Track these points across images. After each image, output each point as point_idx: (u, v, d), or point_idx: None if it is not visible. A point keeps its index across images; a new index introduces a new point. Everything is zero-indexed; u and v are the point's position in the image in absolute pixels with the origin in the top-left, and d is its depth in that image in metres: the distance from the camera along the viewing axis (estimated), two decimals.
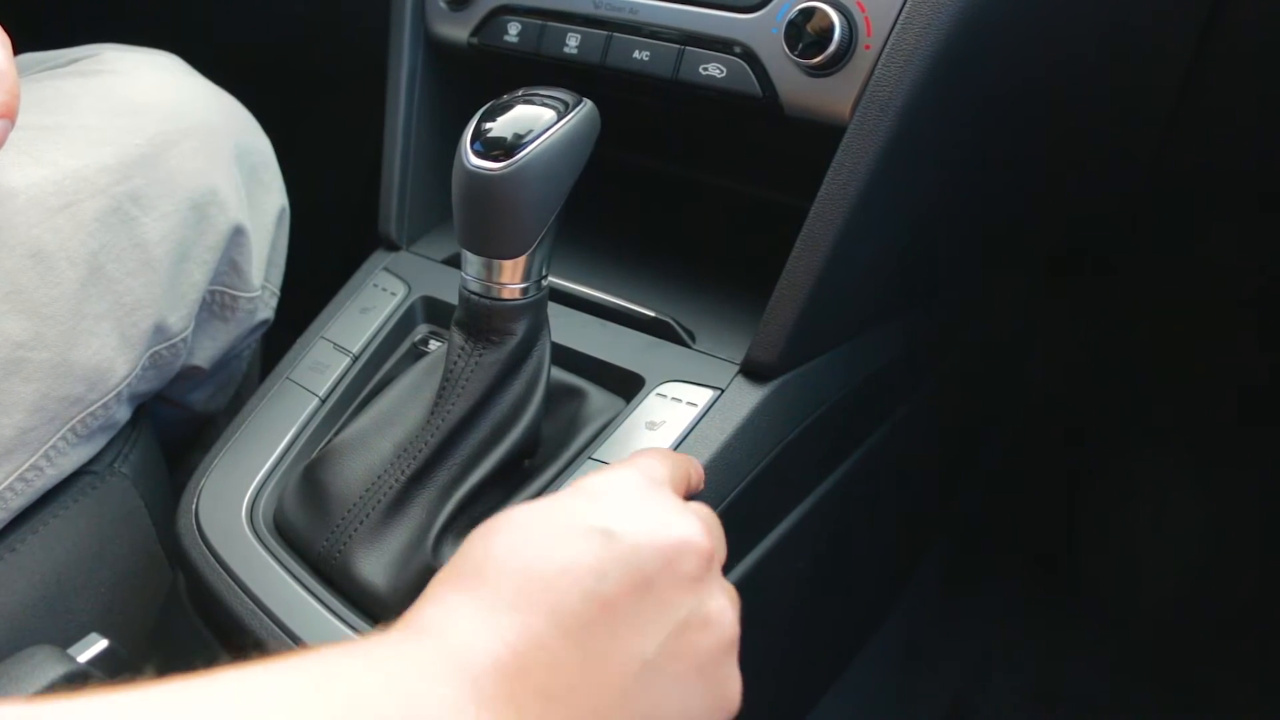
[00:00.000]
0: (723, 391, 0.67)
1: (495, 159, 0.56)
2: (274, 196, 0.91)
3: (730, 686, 0.46)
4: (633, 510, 0.45)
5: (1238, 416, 1.23)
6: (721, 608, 0.46)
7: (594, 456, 0.65)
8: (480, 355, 0.61)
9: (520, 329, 0.61)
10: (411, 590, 0.60)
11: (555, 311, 0.71)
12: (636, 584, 0.42)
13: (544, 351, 0.64)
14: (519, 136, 0.56)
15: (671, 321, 0.73)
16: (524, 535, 0.44)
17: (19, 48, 0.65)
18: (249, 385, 1.01)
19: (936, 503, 1.21)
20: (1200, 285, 1.21)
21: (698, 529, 0.46)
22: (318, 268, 0.98)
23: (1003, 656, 1.16)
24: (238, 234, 0.84)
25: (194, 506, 0.68)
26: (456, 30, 0.82)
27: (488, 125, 0.57)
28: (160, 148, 0.77)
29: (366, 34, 0.93)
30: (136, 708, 0.34)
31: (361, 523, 0.62)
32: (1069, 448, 1.31)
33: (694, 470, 0.58)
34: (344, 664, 0.38)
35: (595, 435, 0.67)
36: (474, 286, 0.61)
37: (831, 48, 0.63)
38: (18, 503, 0.71)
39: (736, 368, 0.68)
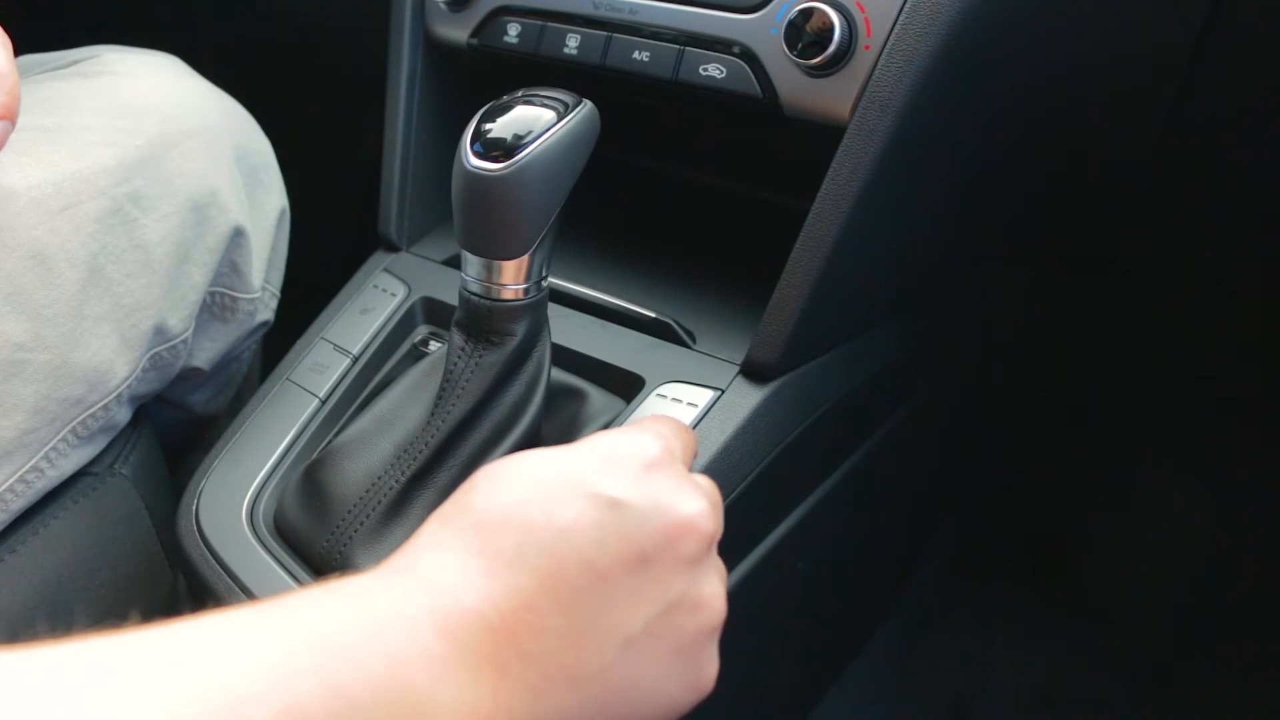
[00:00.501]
0: (723, 392, 0.67)
1: (495, 160, 0.56)
2: (274, 198, 0.91)
3: (708, 669, 0.46)
4: (643, 482, 0.45)
5: (1238, 416, 1.23)
6: (714, 592, 0.46)
7: None
8: (480, 356, 0.61)
9: (520, 330, 0.61)
10: None
11: (555, 312, 0.71)
12: (634, 559, 0.42)
13: (544, 352, 0.64)
14: (519, 137, 0.56)
15: (672, 322, 0.73)
16: (530, 490, 0.43)
17: (19, 49, 0.65)
18: (249, 386, 1.01)
19: (937, 503, 1.21)
20: (1200, 285, 1.21)
21: (704, 510, 0.46)
22: (318, 269, 0.98)
23: (1003, 656, 1.16)
24: (238, 235, 0.84)
25: (194, 508, 0.68)
26: (456, 31, 0.82)
27: (488, 126, 0.57)
28: (160, 149, 0.77)
29: (366, 35, 0.93)
30: (121, 649, 0.34)
31: (362, 524, 0.62)
32: (1069, 448, 1.31)
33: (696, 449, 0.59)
34: (334, 611, 0.38)
35: None
36: (474, 287, 0.61)
37: (831, 48, 0.63)
38: (18, 504, 0.71)
39: (737, 368, 0.68)
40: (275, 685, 0.34)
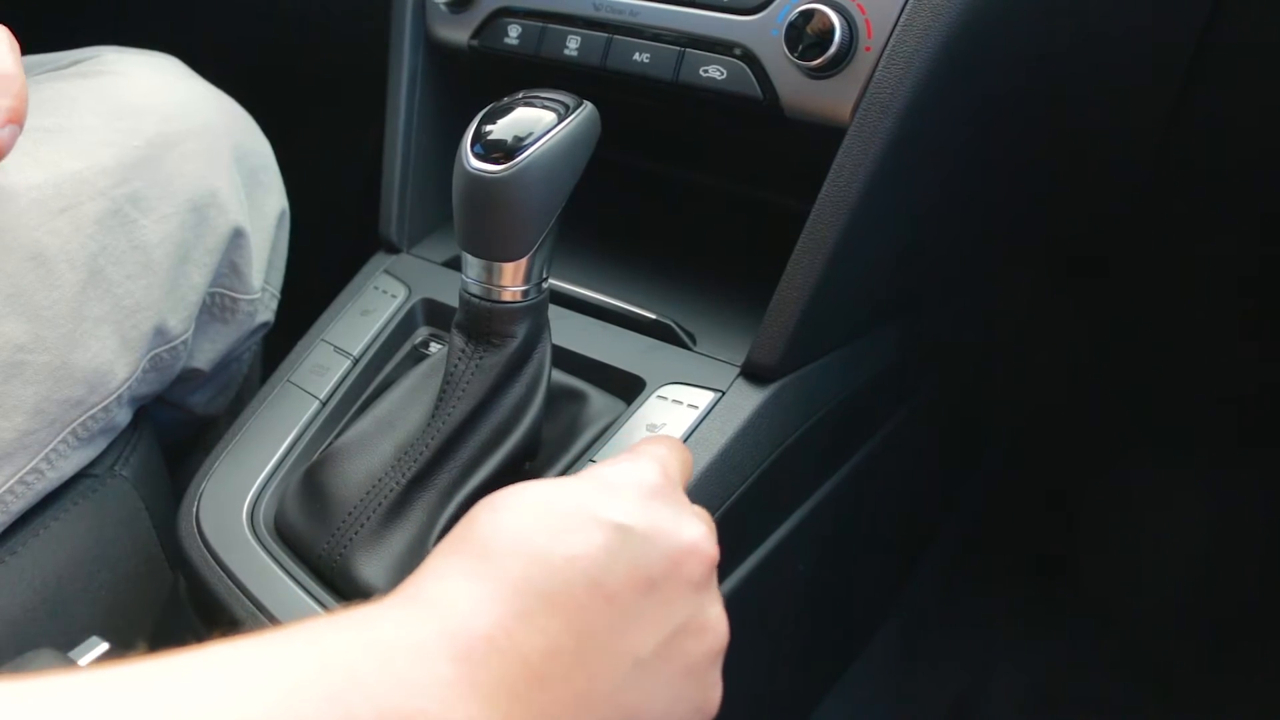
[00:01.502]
0: (723, 394, 0.67)
1: (496, 161, 0.56)
2: (274, 199, 0.91)
3: (713, 693, 0.46)
4: (646, 507, 0.45)
5: (1239, 416, 1.23)
6: (718, 616, 0.46)
7: (595, 459, 0.65)
8: (481, 358, 0.61)
9: (521, 331, 0.61)
10: None
11: (556, 314, 0.71)
12: (641, 582, 0.43)
13: (544, 354, 0.64)
14: (519, 139, 0.56)
15: (672, 324, 0.73)
16: (533, 517, 0.43)
17: (20, 50, 0.65)
18: (249, 388, 1.01)
19: (937, 503, 1.21)
20: (1200, 285, 1.21)
21: (706, 534, 0.46)
22: (318, 270, 0.98)
23: (1003, 657, 1.16)
24: (237, 236, 0.84)
25: (195, 509, 0.68)
26: (457, 33, 0.82)
27: (488, 128, 0.57)
28: (160, 150, 0.77)
29: (367, 36, 0.93)
30: (129, 681, 0.34)
31: (362, 525, 0.62)
32: (1070, 448, 1.31)
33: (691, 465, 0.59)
34: (341, 638, 0.38)
35: (596, 438, 0.67)
36: (474, 289, 0.61)
37: (832, 50, 0.63)
38: (18, 506, 0.71)
39: (737, 370, 0.68)
40: (285, 713, 0.34)
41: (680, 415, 0.66)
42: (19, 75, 0.58)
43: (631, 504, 0.45)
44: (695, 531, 0.46)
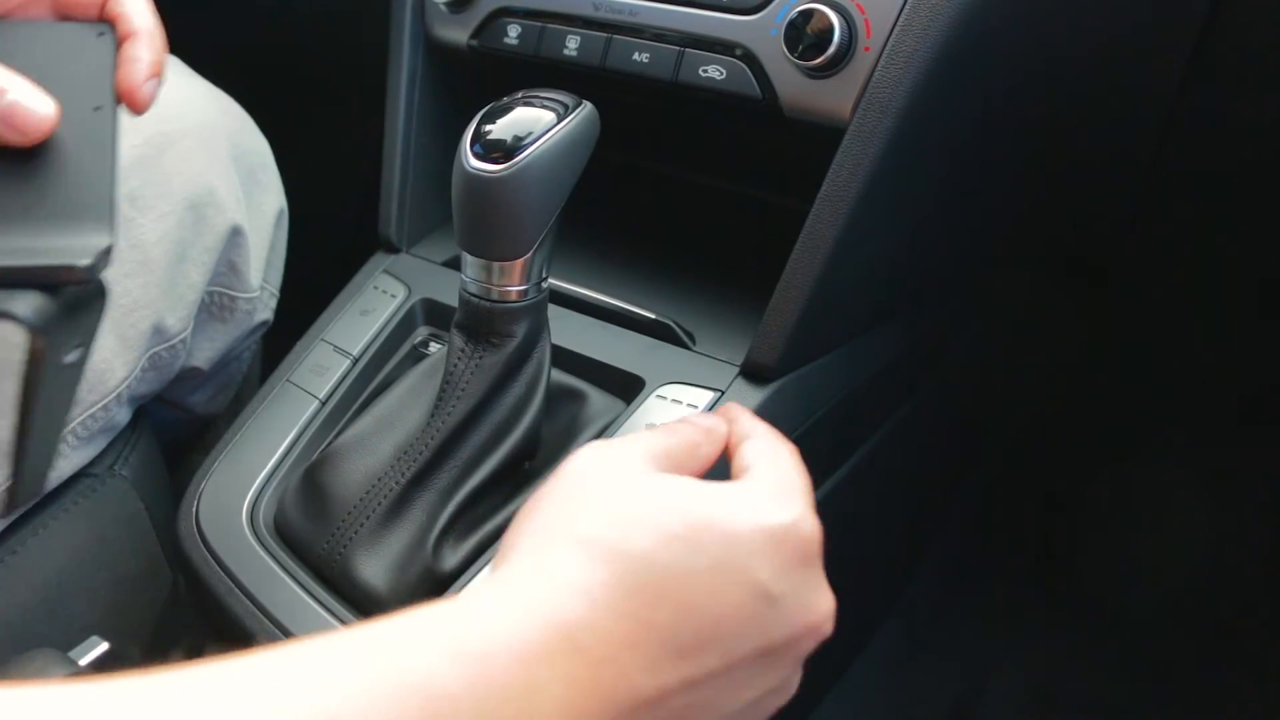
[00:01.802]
0: (723, 393, 0.67)
1: (495, 161, 0.56)
2: (272, 197, 0.91)
3: None
4: (796, 577, 0.44)
5: (1239, 416, 1.23)
6: (798, 679, 0.46)
7: None
8: (480, 358, 0.61)
9: (520, 331, 0.61)
10: (412, 593, 0.60)
11: (555, 314, 0.71)
12: (763, 650, 0.42)
13: (544, 353, 0.64)
14: (519, 139, 0.56)
15: (671, 323, 0.73)
16: (700, 560, 0.41)
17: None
18: (249, 387, 1.01)
19: (937, 503, 1.21)
20: (1200, 285, 1.21)
21: (832, 613, 0.45)
22: (318, 270, 0.97)
23: (1003, 656, 1.16)
24: (235, 235, 0.84)
25: (194, 509, 0.68)
26: (456, 33, 0.82)
27: (487, 127, 0.57)
28: (158, 148, 0.77)
29: (366, 36, 0.93)
30: (187, 687, 0.32)
31: (362, 525, 0.62)
32: (1070, 448, 1.31)
33: None
34: (444, 661, 0.35)
35: (595, 437, 0.67)
36: (474, 289, 0.61)
37: (831, 49, 0.63)
38: None
39: (736, 369, 0.68)
40: None
41: (679, 415, 0.66)
42: (159, 31, 0.57)
43: (786, 570, 0.43)
44: (825, 609, 0.45)
